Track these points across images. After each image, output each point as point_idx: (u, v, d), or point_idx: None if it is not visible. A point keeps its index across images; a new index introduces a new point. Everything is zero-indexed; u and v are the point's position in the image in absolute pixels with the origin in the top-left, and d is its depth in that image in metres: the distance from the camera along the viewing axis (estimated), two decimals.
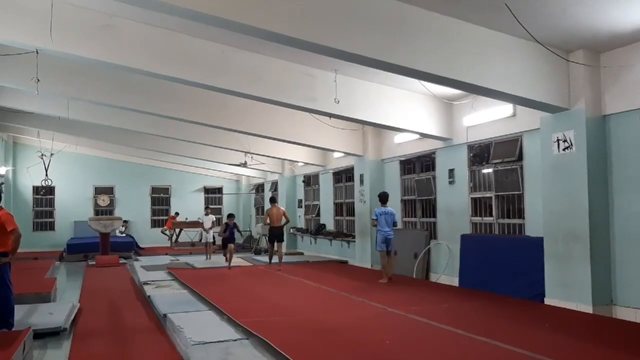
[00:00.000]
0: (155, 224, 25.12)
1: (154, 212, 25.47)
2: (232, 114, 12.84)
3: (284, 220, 14.33)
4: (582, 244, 8.12)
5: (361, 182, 15.03)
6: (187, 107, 12.36)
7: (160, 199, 25.69)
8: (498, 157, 10.51)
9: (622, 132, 8.05)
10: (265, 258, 16.18)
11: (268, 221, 14.34)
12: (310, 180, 19.80)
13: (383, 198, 11.77)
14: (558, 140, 8.51)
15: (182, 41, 9.12)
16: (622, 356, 5.70)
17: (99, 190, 24.54)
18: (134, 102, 11.97)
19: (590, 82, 8.16)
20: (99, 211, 23.91)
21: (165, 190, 25.78)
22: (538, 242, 8.99)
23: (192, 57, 9.24)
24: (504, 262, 9.81)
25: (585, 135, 8.12)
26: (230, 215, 15.74)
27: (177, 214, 24.34)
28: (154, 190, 25.56)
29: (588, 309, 7.95)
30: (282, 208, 15.17)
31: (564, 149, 8.42)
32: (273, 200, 15.31)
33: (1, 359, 5.19)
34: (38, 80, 8.84)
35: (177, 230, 23.57)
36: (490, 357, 5.67)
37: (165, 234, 23.74)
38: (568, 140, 8.35)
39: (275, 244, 14.46)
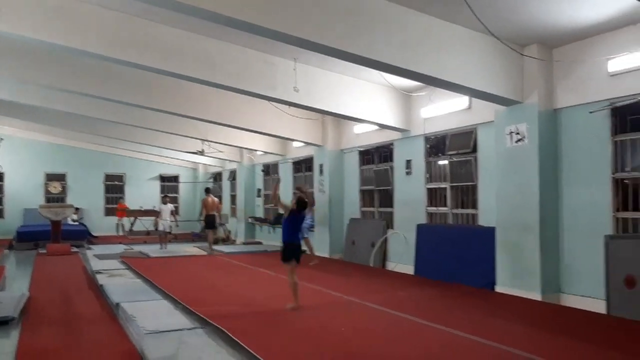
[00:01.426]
0: (109, 212, 24.58)
1: (107, 200, 24.92)
2: (190, 101, 12.64)
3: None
4: (532, 234, 8.37)
5: (321, 172, 15.06)
6: (142, 93, 12.10)
7: (114, 186, 25.13)
8: (453, 148, 10.70)
9: (572, 126, 8.31)
10: (221, 247, 16.25)
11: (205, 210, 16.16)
12: (270, 170, 19.72)
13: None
14: (511, 132, 8.72)
15: (138, 25, 8.89)
16: (567, 341, 5.91)
17: (50, 177, 23.83)
18: (87, 87, 11.63)
19: (543, 76, 8.39)
20: (50, 198, 23.23)
21: (120, 177, 25.24)
22: (490, 232, 9.22)
23: (148, 42, 9.02)
24: (458, 251, 10.03)
25: (537, 128, 8.34)
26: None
27: (121, 199, 24.00)
28: (108, 177, 25.00)
29: (537, 297, 8.21)
30: (216, 199, 16.93)
31: (516, 142, 8.64)
32: (208, 190, 17.07)
33: None
34: None
35: (132, 218, 23.12)
36: (443, 344, 5.80)
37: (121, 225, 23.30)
38: (521, 133, 8.56)
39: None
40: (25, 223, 21.35)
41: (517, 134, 8.61)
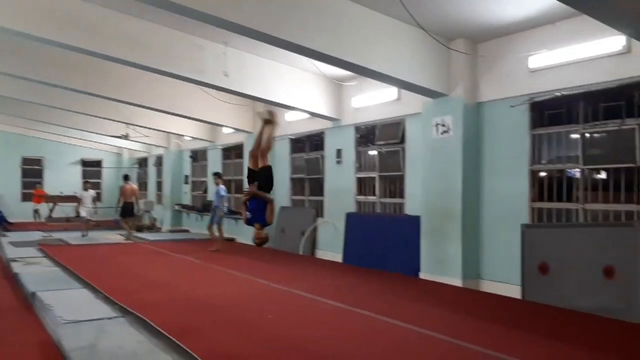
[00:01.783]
0: (26, 197, 23.33)
1: (24, 185, 23.66)
2: (114, 83, 12.12)
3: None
4: (455, 223, 8.66)
5: None
6: (63, 73, 11.50)
7: (32, 171, 23.90)
8: (383, 139, 10.87)
9: (494, 119, 8.63)
10: (146, 235, 15.85)
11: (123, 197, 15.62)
12: (198, 156, 19.33)
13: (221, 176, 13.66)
14: (437, 124, 8.95)
15: (60, 1, 8.42)
16: (483, 324, 6.17)
17: None
18: (3, 65, 10.93)
19: (468, 70, 8.65)
20: None
21: (38, 161, 24.01)
22: (416, 221, 9.46)
23: (68, 18, 8.55)
24: (385, 239, 10.23)
25: (461, 121, 8.61)
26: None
27: (38, 184, 23.02)
28: (25, 161, 23.79)
29: (458, 282, 8.52)
30: (134, 186, 16.47)
31: (442, 133, 8.88)
32: (126, 177, 16.49)
33: None
34: None
35: (51, 204, 22.03)
36: (368, 329, 5.90)
37: (38, 213, 22.07)
38: (446, 125, 8.81)
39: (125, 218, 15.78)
40: None
41: (443, 125, 8.86)
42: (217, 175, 13.62)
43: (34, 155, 23.87)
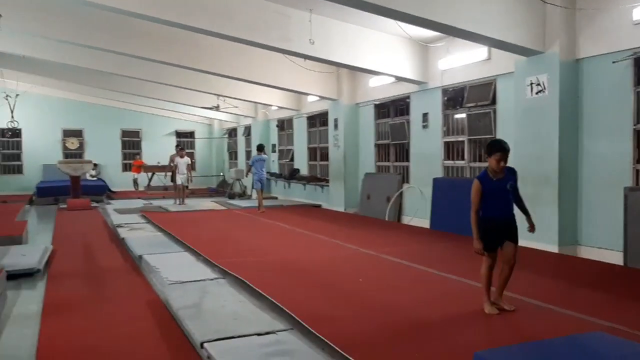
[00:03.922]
0: (126, 167, 24.88)
1: (125, 156, 25.18)
2: (203, 55, 12.53)
3: None
4: (551, 187, 8.32)
5: (335, 126, 15.00)
6: (156, 47, 12.02)
7: (131, 142, 25.36)
8: (472, 101, 10.54)
9: (594, 76, 8.12)
10: (237, 202, 16.38)
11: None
12: (284, 125, 19.67)
13: (260, 147, 14.79)
14: (532, 83, 8.56)
15: None
16: (584, 291, 5.96)
17: (67, 133, 24.09)
18: (102, 41, 11.60)
19: (565, 25, 8.15)
20: (68, 154, 23.49)
21: (136, 133, 25.39)
22: None
23: None
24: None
25: (558, 79, 8.17)
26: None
27: (138, 155, 24.67)
28: (125, 133, 25.21)
29: (554, 249, 8.23)
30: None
31: (537, 93, 8.49)
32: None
33: None
34: (0, 15, 8.46)
35: (149, 174, 23.32)
36: (459, 293, 5.87)
37: (136, 183, 23.45)
38: (541, 84, 8.40)
39: None
40: (44, 179, 21.71)
41: (538, 84, 8.46)
42: (257, 146, 14.93)
43: (132, 127, 25.24)
